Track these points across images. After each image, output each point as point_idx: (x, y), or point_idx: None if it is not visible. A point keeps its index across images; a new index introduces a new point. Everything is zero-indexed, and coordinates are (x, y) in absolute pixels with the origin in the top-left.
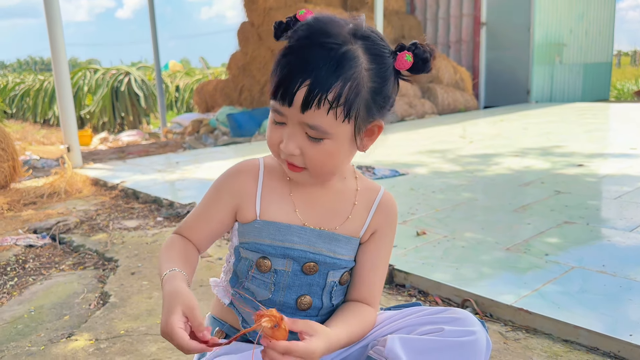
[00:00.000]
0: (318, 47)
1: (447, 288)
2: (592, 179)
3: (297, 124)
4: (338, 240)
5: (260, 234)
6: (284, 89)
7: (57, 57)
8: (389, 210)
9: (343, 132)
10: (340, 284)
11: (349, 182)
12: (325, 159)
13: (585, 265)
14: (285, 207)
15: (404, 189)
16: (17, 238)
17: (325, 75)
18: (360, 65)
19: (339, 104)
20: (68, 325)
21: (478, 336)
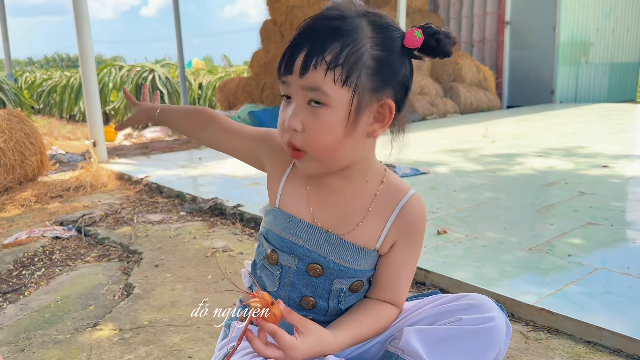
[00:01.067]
0: (321, 21)
1: (468, 287)
2: (617, 180)
3: (298, 91)
4: (346, 248)
5: (275, 222)
6: (287, 59)
7: (84, 54)
8: (413, 217)
9: (343, 100)
10: (350, 291)
11: (371, 185)
12: (322, 131)
13: (609, 266)
14: (299, 199)
15: (425, 188)
16: (45, 230)
17: (323, 38)
18: (363, 33)
19: (337, 65)
20: (93, 315)
21: (497, 322)
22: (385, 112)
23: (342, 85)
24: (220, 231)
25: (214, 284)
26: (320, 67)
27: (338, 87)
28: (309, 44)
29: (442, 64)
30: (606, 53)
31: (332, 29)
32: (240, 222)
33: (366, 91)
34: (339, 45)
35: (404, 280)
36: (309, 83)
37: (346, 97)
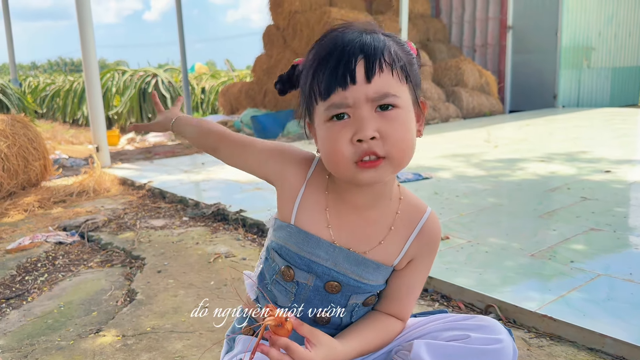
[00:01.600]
0: (351, 36)
1: (470, 293)
2: (620, 185)
3: (363, 103)
4: (366, 265)
5: (291, 238)
6: (342, 72)
7: (87, 60)
8: (431, 237)
9: (408, 99)
10: (363, 305)
11: (391, 205)
12: (403, 132)
13: (611, 273)
14: (318, 219)
15: (428, 193)
16: (48, 235)
17: (373, 46)
18: (389, 41)
19: (397, 64)
20: (96, 321)
21: (505, 344)
22: (422, 110)
23: (405, 83)
24: (222, 237)
25: (216, 290)
26: (386, 69)
27: (402, 85)
28: (362, 52)
29: (445, 69)
30: (608, 57)
31: (374, 38)
32: (242, 228)
33: (417, 88)
34: (387, 47)
35: (414, 295)
36: (378, 90)
37: (408, 94)
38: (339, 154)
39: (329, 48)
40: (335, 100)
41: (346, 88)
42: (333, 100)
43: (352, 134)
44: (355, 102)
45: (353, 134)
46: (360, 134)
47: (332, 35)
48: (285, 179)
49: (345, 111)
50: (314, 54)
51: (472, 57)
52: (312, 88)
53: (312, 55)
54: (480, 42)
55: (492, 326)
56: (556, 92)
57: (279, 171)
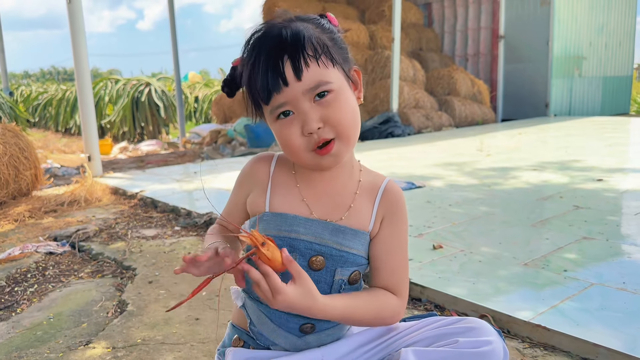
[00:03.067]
0: (269, 38)
1: (463, 303)
2: (612, 194)
3: (302, 99)
4: (344, 232)
5: (269, 225)
6: (273, 78)
7: (80, 71)
8: (394, 197)
9: (340, 79)
10: (349, 283)
11: (354, 174)
12: (344, 112)
13: (605, 282)
14: (292, 198)
15: (421, 202)
16: (38, 245)
17: (293, 43)
18: (309, 29)
19: (320, 54)
20: (86, 333)
21: (494, 346)
22: (357, 78)
23: (333, 66)
24: None
25: (208, 301)
26: (311, 62)
27: (331, 69)
28: (285, 52)
29: (437, 78)
30: (599, 67)
31: (291, 32)
32: None
33: (345, 65)
34: (307, 39)
35: (397, 263)
36: (310, 82)
37: (340, 75)
38: (294, 147)
39: (256, 53)
40: (276, 103)
41: (281, 91)
42: (274, 103)
43: (301, 128)
44: (293, 99)
45: (301, 128)
46: (306, 128)
47: (256, 39)
48: (253, 186)
49: (288, 108)
50: (244, 61)
51: (465, 66)
52: (252, 94)
53: (244, 62)
54: (472, 51)
55: (481, 328)
56: (548, 101)
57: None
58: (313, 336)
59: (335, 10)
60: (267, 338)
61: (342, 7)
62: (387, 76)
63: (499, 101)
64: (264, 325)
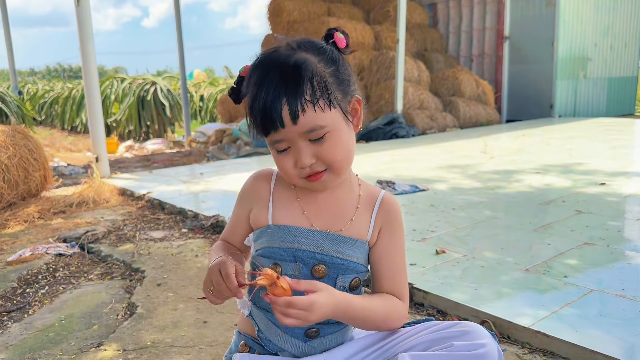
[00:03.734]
0: (273, 70)
1: (465, 308)
2: (615, 198)
3: (297, 138)
4: (345, 242)
5: (272, 237)
6: (270, 119)
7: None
8: (391, 207)
9: (336, 119)
10: (350, 289)
11: (353, 189)
12: (337, 150)
13: (604, 288)
14: (293, 211)
15: (424, 205)
16: (48, 247)
17: (293, 85)
18: (312, 62)
19: (318, 98)
20: (97, 335)
21: (488, 348)
22: (357, 106)
23: (330, 108)
24: None
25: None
26: (308, 108)
27: (327, 112)
28: (284, 94)
29: (442, 79)
30: (604, 68)
31: (292, 71)
32: None
33: (343, 101)
34: (307, 81)
35: (397, 269)
36: (306, 126)
37: (336, 115)
38: (288, 176)
39: (258, 89)
40: (273, 138)
41: (277, 131)
42: (271, 138)
43: (294, 162)
44: (289, 138)
45: (295, 162)
46: (299, 164)
47: (261, 67)
48: (255, 202)
49: (285, 146)
50: (248, 89)
51: (469, 67)
52: (253, 124)
53: (247, 91)
54: (477, 52)
55: (475, 331)
56: (553, 102)
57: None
58: (318, 340)
59: (340, 11)
60: (274, 344)
61: (347, 7)
62: (391, 77)
63: (503, 102)
64: (272, 332)
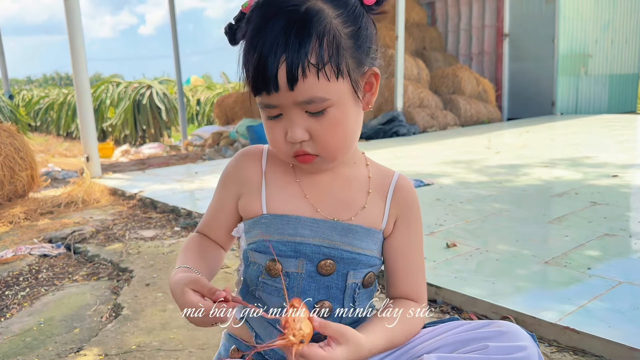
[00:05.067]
0: (277, 17)
1: (483, 304)
2: (629, 189)
3: (292, 107)
4: (355, 231)
5: (268, 229)
6: (262, 78)
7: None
8: (407, 193)
9: (342, 92)
10: (363, 286)
11: (360, 169)
12: (336, 131)
13: (632, 280)
14: (292, 196)
15: (430, 199)
16: (32, 247)
17: (297, 41)
18: (327, 15)
19: (325, 63)
20: (78, 339)
21: (529, 352)
22: (373, 79)
23: (337, 78)
24: None
25: None
26: (311, 74)
27: (333, 82)
28: (284, 51)
29: (442, 77)
30: (605, 65)
31: (301, 22)
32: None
33: (356, 71)
34: (315, 39)
35: (414, 267)
36: (304, 96)
37: (344, 87)
38: (277, 149)
39: (254, 34)
40: (264, 101)
41: (270, 94)
42: (262, 100)
43: (285, 133)
44: (282, 105)
45: (286, 133)
46: (289, 138)
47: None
48: (243, 186)
49: (277, 112)
50: (246, 31)
51: (469, 65)
52: (245, 76)
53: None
54: (476, 50)
55: (513, 332)
56: (554, 99)
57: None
58: None
59: None
60: (276, 352)
61: None
62: (391, 75)
63: (504, 100)
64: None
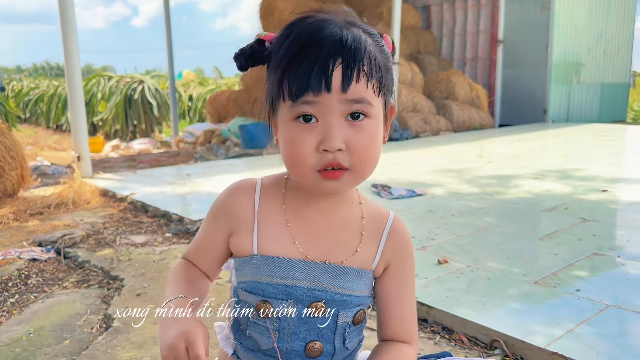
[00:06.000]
0: (331, 33)
1: (473, 325)
2: (618, 205)
3: (336, 111)
4: (347, 274)
5: (259, 270)
6: (316, 77)
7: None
8: (402, 238)
9: (378, 109)
10: (353, 324)
11: (355, 209)
12: (370, 144)
13: (620, 303)
14: (283, 239)
15: (422, 211)
16: (21, 251)
17: (354, 50)
18: (371, 44)
19: (374, 75)
20: (68, 351)
21: None
22: (389, 115)
23: (378, 95)
24: None
25: None
26: (363, 79)
27: (375, 96)
28: (341, 55)
29: (436, 82)
30: (597, 73)
31: (355, 39)
32: None
33: (388, 97)
34: (366, 53)
35: (407, 310)
36: (354, 96)
37: (380, 105)
38: (301, 160)
39: (305, 42)
40: (305, 104)
41: (319, 94)
42: (302, 103)
43: (319, 142)
44: (326, 109)
45: (319, 142)
46: (327, 144)
47: (309, 26)
48: (235, 224)
49: (313, 114)
50: (287, 45)
51: (463, 70)
52: (281, 84)
53: (286, 46)
54: (470, 55)
55: None
56: (546, 107)
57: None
58: None
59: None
60: None
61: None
62: None
63: (496, 106)
64: None
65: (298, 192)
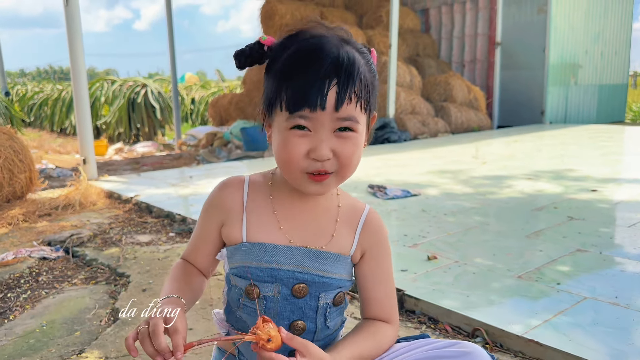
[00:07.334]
0: (329, 51)
1: (457, 316)
2: (606, 205)
3: (325, 127)
4: (326, 258)
5: (247, 256)
6: (312, 96)
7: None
8: (376, 228)
9: (363, 123)
10: (334, 305)
11: (332, 199)
12: (353, 153)
13: (597, 296)
14: (269, 226)
15: (416, 211)
16: (32, 250)
17: (348, 73)
18: (360, 62)
19: (363, 97)
20: (79, 342)
21: None
22: (371, 123)
23: (363, 112)
24: None
25: (201, 310)
26: (353, 100)
27: (362, 113)
28: (337, 77)
29: (434, 84)
30: (595, 75)
31: (349, 61)
32: None
33: (371, 111)
34: (358, 75)
35: (385, 290)
36: (344, 114)
37: (364, 121)
38: (293, 163)
39: (304, 59)
40: (301, 118)
41: (314, 112)
42: (298, 116)
43: (309, 149)
44: (319, 124)
45: (309, 150)
46: (317, 155)
47: (308, 42)
48: (226, 216)
49: (308, 126)
50: (286, 59)
51: (461, 72)
52: (278, 95)
53: (285, 59)
54: (469, 57)
55: (475, 352)
56: (544, 108)
57: (221, 216)
58: None
59: (332, 15)
60: None
61: (340, 11)
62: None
63: (495, 108)
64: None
65: (284, 185)
